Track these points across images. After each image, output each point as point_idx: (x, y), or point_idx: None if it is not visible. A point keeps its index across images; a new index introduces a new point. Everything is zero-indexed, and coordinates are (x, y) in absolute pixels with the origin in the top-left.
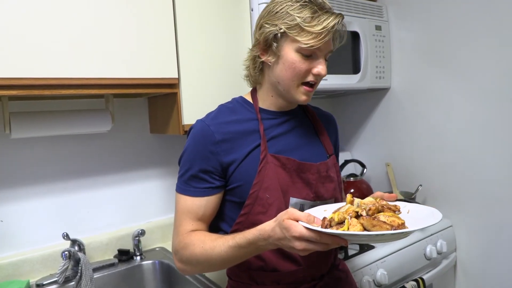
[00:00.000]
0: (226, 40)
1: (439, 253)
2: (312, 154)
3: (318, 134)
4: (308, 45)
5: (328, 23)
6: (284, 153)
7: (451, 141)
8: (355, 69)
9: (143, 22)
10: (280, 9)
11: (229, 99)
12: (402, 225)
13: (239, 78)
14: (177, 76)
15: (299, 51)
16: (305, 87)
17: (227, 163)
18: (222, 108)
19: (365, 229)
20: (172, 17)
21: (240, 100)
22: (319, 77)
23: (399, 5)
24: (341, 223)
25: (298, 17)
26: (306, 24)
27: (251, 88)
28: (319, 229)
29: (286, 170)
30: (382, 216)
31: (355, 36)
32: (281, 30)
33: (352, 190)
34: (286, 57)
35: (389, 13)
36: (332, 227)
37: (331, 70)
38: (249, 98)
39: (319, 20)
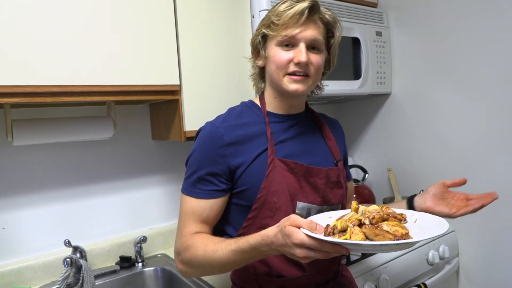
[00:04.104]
0: (228, 47)
1: (441, 258)
2: (320, 159)
3: (325, 139)
4: (282, 36)
5: (296, 10)
6: (291, 158)
7: (453, 146)
8: (356, 75)
9: (145, 29)
10: (265, 16)
11: (231, 106)
12: (406, 235)
13: (241, 84)
14: (178, 83)
15: (278, 44)
16: (290, 76)
17: (235, 166)
18: (231, 111)
19: (367, 238)
20: (173, 24)
21: (249, 104)
22: (300, 65)
23: (400, 11)
24: (344, 231)
25: (272, 15)
26: (277, 18)
27: (252, 93)
28: (320, 237)
29: (293, 174)
30: (385, 225)
31: (355, 42)
32: (261, 32)
33: (354, 196)
34: (269, 54)
35: (390, 19)
36: (335, 234)
37: (332, 76)
38: (257, 102)
39: (289, 11)
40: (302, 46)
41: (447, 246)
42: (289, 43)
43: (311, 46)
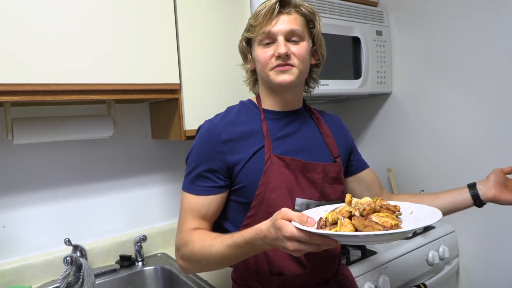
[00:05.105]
0: (227, 46)
1: (441, 258)
2: (317, 155)
3: (323, 136)
4: (259, 34)
5: (268, 6)
6: (289, 154)
7: (453, 146)
8: (356, 75)
9: (145, 28)
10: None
11: (231, 105)
12: (396, 225)
13: (240, 83)
14: (178, 82)
15: (259, 43)
16: (273, 69)
17: (232, 163)
18: (229, 110)
19: (356, 230)
20: (173, 23)
21: (247, 102)
22: (281, 57)
23: (400, 10)
24: (335, 223)
25: (250, 18)
26: (253, 20)
27: (251, 92)
28: (308, 229)
29: (291, 171)
30: (374, 217)
31: (356, 41)
32: (244, 37)
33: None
34: (254, 55)
35: (390, 18)
36: (327, 227)
37: (332, 75)
38: (255, 101)
39: (262, 10)
40: (280, 39)
41: (447, 246)
42: (269, 40)
43: (290, 38)
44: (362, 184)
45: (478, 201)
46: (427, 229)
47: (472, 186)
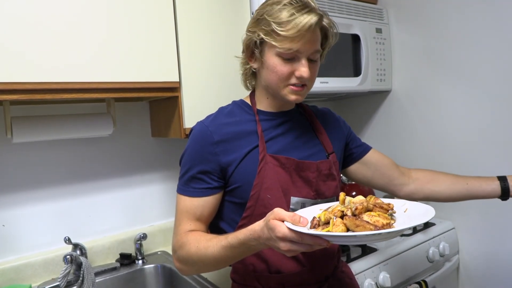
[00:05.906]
0: (227, 44)
1: (441, 255)
2: (310, 153)
3: (316, 133)
4: (285, 49)
5: (304, 25)
6: (282, 153)
7: (453, 144)
8: (356, 72)
9: (144, 26)
10: (260, 16)
11: (230, 103)
12: (387, 225)
13: (240, 82)
14: (178, 80)
15: (279, 55)
16: (291, 87)
17: (225, 164)
18: (221, 110)
19: (348, 229)
20: (173, 21)
21: (240, 103)
22: (302, 79)
23: (400, 7)
24: (327, 223)
25: (274, 22)
26: (281, 29)
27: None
28: (299, 229)
29: (285, 170)
30: (366, 216)
31: (355, 39)
32: (259, 37)
33: (353, 193)
34: (268, 62)
35: (390, 15)
36: (320, 226)
37: (332, 73)
38: (248, 101)
39: (294, 23)
40: (304, 60)
41: (447, 243)
42: (292, 56)
43: (311, 57)
44: (371, 166)
45: (505, 195)
46: (427, 226)
47: (503, 179)
